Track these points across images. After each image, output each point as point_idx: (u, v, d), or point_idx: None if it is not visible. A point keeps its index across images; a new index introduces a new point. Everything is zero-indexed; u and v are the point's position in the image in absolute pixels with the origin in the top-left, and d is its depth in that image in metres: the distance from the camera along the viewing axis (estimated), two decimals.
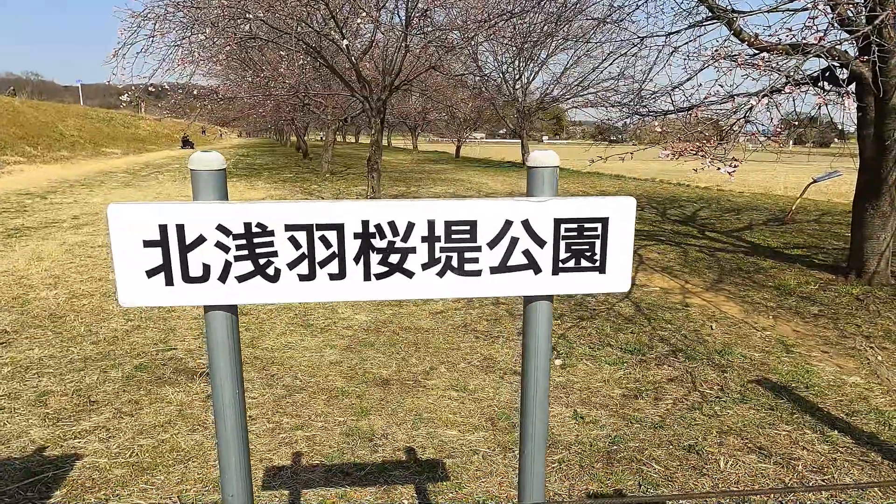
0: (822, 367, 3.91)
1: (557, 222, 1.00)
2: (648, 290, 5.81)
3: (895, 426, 3.10)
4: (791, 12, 4.69)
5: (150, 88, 6.95)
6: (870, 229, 5.80)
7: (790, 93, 5.44)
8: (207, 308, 0.99)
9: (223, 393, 1.01)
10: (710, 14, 5.36)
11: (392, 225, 0.98)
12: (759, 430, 3.05)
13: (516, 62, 21.39)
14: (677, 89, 5.69)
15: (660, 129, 7.54)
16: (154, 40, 6.66)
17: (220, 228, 0.94)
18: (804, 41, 5.00)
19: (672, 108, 6.65)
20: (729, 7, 5.11)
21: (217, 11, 6.75)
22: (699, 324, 4.79)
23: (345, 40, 6.64)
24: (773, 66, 5.48)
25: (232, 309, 1.01)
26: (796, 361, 4.01)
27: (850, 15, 5.32)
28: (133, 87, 6.66)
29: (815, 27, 4.18)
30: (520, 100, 22.95)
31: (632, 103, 7.46)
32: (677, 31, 5.44)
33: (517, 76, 22.20)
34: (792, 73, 5.22)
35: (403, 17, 7.97)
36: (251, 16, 6.28)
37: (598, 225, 1.00)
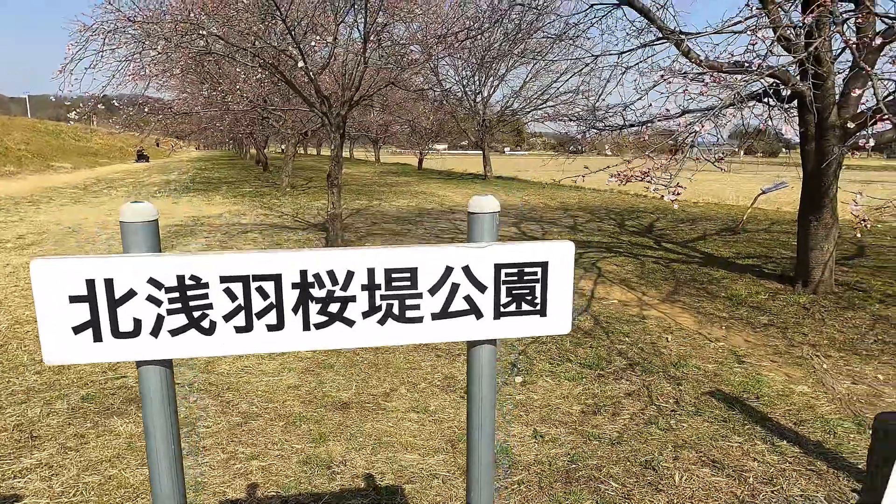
0: (772, 377, 4.04)
1: (498, 267, 1.01)
2: (607, 302, 5.91)
3: (839, 434, 3.22)
4: (735, 34, 4.88)
5: (99, 106, 6.75)
6: (814, 240, 6.04)
7: (739, 107, 5.66)
8: (140, 363, 0.96)
9: (158, 452, 0.97)
10: (659, 35, 5.53)
11: (331, 274, 0.97)
12: (713, 442, 3.13)
13: (476, 76, 21.63)
14: (630, 107, 5.85)
15: (613, 145, 7.75)
16: (104, 55, 6.47)
17: (152, 282, 0.92)
18: (747, 62, 5.21)
19: (626, 124, 6.84)
20: (677, 29, 5.29)
21: (170, 26, 6.62)
22: (655, 336, 4.89)
23: (300, 62, 6.59)
24: (722, 83, 5.69)
25: (166, 363, 0.98)
26: (747, 372, 4.14)
27: (791, 37, 5.58)
28: (81, 104, 6.45)
29: (754, 52, 4.36)
30: (480, 113, 23.18)
31: (588, 118, 7.64)
32: (629, 50, 5.60)
33: (478, 90, 22.44)
34: (739, 90, 5.43)
35: (362, 32, 7.96)
36: (204, 32, 6.17)
37: (538, 269, 1.02)
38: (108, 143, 41.15)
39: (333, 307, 0.99)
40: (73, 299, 0.90)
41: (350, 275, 0.97)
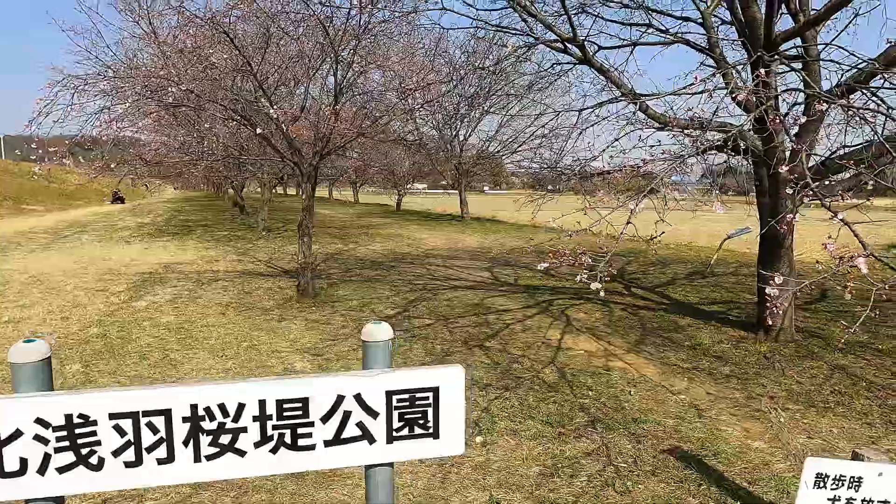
0: (730, 432, 4.08)
1: (389, 394, 1.04)
2: (573, 353, 5.94)
3: (792, 494, 3.25)
4: (688, 95, 5.09)
5: (64, 160, 6.75)
6: (772, 289, 6.18)
7: (703, 157, 5.89)
8: (28, 501, 0.96)
9: None
10: (619, 94, 5.76)
11: (222, 407, 0.99)
12: None
13: (452, 120, 22.06)
14: (588, 165, 6.05)
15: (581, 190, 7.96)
16: (72, 108, 6.50)
17: (39, 422, 0.93)
18: (701, 119, 5.43)
19: (591, 173, 7.04)
20: (631, 90, 5.52)
21: (141, 81, 6.70)
22: (619, 389, 4.92)
23: (271, 113, 6.72)
24: (684, 133, 5.92)
25: (57, 500, 0.98)
26: (707, 426, 4.17)
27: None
28: (46, 159, 6.45)
29: (699, 115, 4.57)
30: (457, 155, 23.55)
31: (553, 167, 7.86)
32: (589, 108, 5.80)
33: (454, 134, 22.86)
34: (698, 144, 5.64)
35: (334, 84, 8.11)
36: (174, 89, 6.26)
37: (430, 394, 1.05)
38: (83, 184, 40.70)
39: (225, 439, 1.00)
40: None
41: (241, 407, 0.99)
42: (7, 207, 25.85)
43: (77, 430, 0.94)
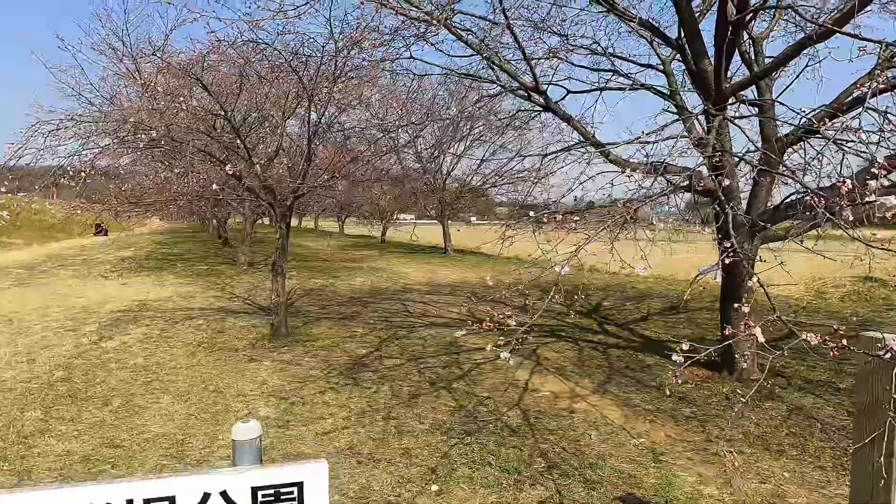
0: (684, 478, 4.12)
1: (255, 490, 1.10)
2: (539, 395, 5.98)
3: None
4: (643, 143, 5.27)
5: (33, 205, 6.81)
6: (735, 329, 6.31)
7: (668, 194, 6.09)
8: None
9: None
10: (578, 141, 5.96)
11: None
12: None
13: (432, 159, 22.39)
14: (561, 195, 6.24)
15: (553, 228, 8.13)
16: (43, 152, 6.59)
17: None
18: (662, 163, 5.62)
19: (561, 212, 7.22)
20: (592, 138, 5.71)
21: (114, 125, 6.81)
22: (580, 433, 4.96)
23: (244, 159, 6.83)
24: (644, 176, 6.12)
25: None
26: (662, 472, 4.21)
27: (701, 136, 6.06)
28: (15, 204, 6.51)
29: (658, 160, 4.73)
30: (440, 189, 23.82)
31: (524, 208, 8.02)
32: (552, 153, 5.98)
33: (437, 168, 23.17)
34: (656, 181, 5.82)
35: (309, 126, 8.27)
36: (145, 136, 6.38)
37: (294, 489, 1.12)
38: (68, 215, 40.43)
39: None
40: None
41: None
42: None
43: None
